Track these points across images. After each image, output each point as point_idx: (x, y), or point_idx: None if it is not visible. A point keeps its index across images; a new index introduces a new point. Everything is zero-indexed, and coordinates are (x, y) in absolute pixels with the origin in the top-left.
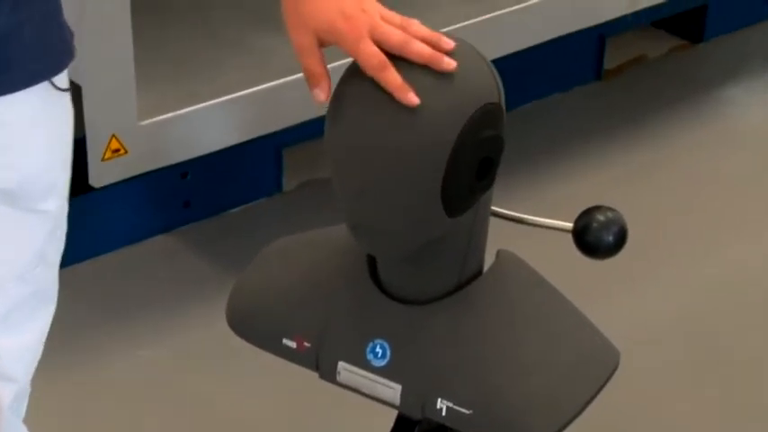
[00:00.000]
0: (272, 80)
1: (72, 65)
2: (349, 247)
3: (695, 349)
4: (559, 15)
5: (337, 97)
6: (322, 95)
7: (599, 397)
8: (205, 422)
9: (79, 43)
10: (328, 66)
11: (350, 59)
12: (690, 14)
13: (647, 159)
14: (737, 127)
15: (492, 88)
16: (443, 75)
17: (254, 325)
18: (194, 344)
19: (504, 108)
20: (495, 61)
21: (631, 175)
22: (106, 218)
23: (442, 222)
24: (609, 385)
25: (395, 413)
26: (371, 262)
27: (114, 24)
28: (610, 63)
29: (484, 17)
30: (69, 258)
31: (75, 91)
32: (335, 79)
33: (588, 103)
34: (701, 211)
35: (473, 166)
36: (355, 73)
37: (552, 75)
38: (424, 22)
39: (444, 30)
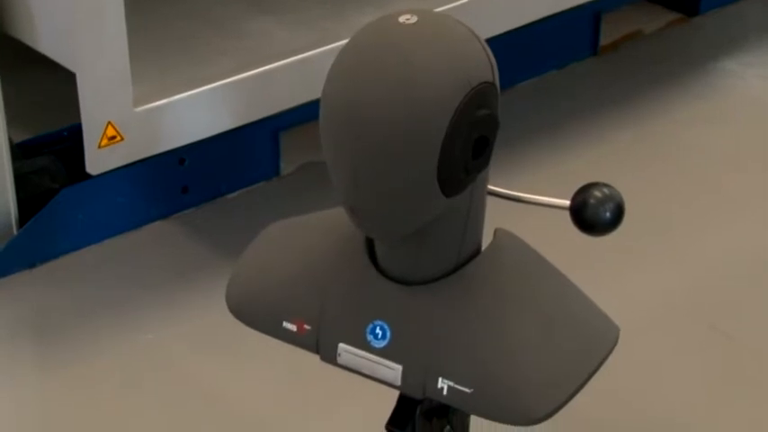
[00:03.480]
0: (267, 64)
1: (67, 53)
2: (347, 229)
3: (695, 328)
4: None
5: (331, 77)
6: None
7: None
8: (205, 405)
9: (73, 30)
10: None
11: (342, 43)
12: None
13: (643, 133)
14: (733, 101)
15: (486, 67)
16: (439, 54)
17: (254, 310)
18: (194, 328)
19: (498, 87)
20: (489, 40)
21: (627, 150)
22: (104, 204)
23: (439, 203)
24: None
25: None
26: (370, 243)
27: (107, 11)
28: (605, 39)
29: None
30: (69, 245)
31: (71, 79)
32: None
33: (584, 80)
34: (697, 186)
35: (469, 146)
36: (349, 53)
37: (548, 52)
38: (417, 1)
39: (438, 9)
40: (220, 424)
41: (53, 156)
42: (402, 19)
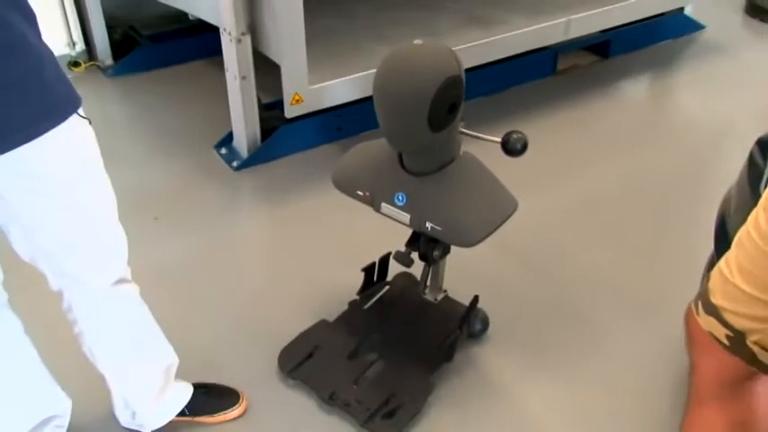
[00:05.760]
0: None
1: (278, 55)
2: (389, 147)
3: (586, 218)
4: (522, 40)
5: (377, 71)
6: None
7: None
8: (343, 233)
9: (280, 42)
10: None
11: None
12: (602, 43)
13: (570, 114)
14: (620, 103)
15: (455, 68)
16: (430, 60)
17: (344, 184)
18: (340, 198)
19: (462, 78)
20: (501, 60)
21: (565, 121)
22: (301, 134)
23: (429, 135)
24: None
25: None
26: (400, 154)
27: (298, 33)
28: (560, 66)
29: (492, 38)
30: (284, 152)
31: (277, 69)
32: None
33: (547, 86)
34: (601, 141)
35: (445, 106)
36: (386, 59)
37: (529, 71)
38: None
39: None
40: (344, 242)
41: (280, 110)
42: (415, 42)
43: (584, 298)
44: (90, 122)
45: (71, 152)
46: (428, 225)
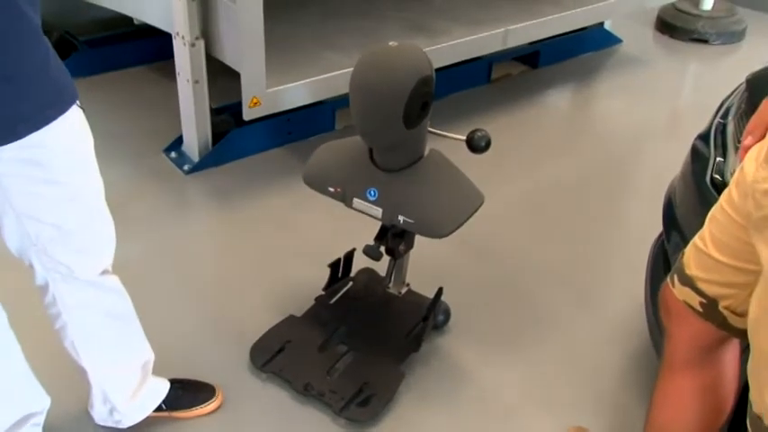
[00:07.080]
0: (332, 71)
1: (237, 64)
2: (360, 144)
3: (534, 208)
4: (464, 49)
5: (354, 69)
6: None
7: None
8: (300, 233)
9: (240, 53)
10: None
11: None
12: (532, 54)
13: (506, 121)
14: (550, 109)
15: (428, 69)
16: (405, 60)
17: (315, 181)
18: (294, 198)
19: (433, 78)
20: (441, 68)
21: (501, 127)
22: (251, 138)
23: (403, 131)
24: (488, 223)
25: (379, 224)
26: (371, 151)
27: (256, 44)
28: (494, 75)
29: (435, 47)
30: (234, 156)
31: (224, 74)
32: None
33: (482, 94)
34: (534, 145)
35: (418, 104)
36: (363, 57)
37: (465, 80)
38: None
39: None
40: (301, 241)
41: (230, 114)
42: (390, 44)
43: (535, 288)
44: (84, 111)
45: (73, 140)
46: (400, 218)
